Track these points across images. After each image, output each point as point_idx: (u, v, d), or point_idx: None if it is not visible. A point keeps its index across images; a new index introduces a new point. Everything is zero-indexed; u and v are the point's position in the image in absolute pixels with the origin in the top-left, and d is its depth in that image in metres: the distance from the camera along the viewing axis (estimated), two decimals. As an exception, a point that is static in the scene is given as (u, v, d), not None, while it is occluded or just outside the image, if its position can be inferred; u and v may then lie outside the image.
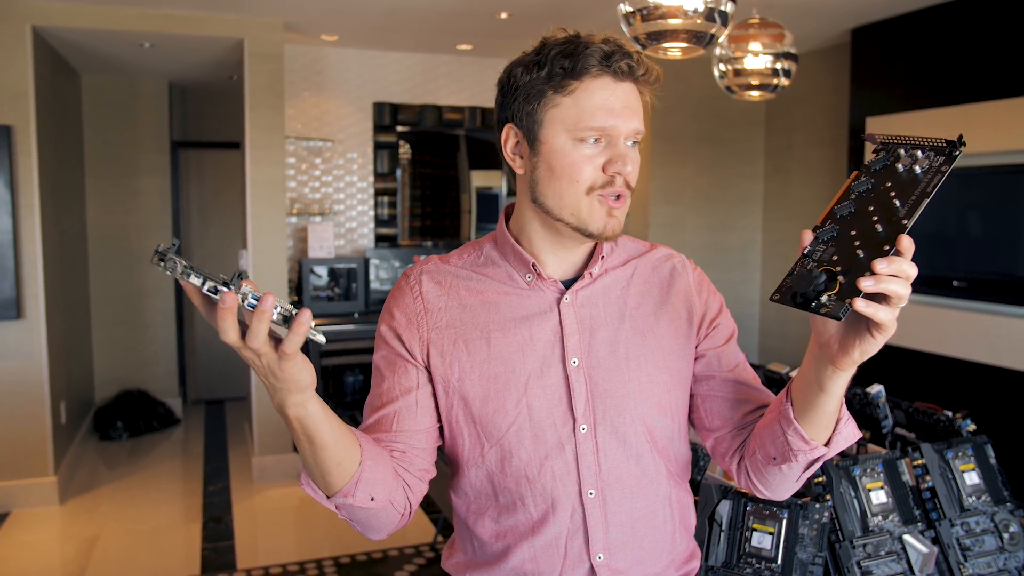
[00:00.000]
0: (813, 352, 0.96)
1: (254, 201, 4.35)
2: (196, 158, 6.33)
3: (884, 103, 4.14)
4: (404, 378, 1.13)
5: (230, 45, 4.46)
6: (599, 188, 1.06)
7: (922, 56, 3.95)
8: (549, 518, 1.11)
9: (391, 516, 1.09)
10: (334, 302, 4.81)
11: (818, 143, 5.04)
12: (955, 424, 1.85)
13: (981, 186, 3.66)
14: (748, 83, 2.75)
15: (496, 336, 1.12)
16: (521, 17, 4.24)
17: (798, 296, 0.89)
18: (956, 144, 0.90)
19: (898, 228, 0.88)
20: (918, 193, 0.90)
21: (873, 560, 1.49)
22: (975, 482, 1.65)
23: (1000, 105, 3.51)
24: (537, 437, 1.10)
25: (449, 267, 1.18)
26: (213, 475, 4.69)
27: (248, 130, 4.31)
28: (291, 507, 4.24)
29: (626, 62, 1.05)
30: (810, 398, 0.98)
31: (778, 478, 1.09)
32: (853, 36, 4.31)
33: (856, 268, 0.88)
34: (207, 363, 6.40)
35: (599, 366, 1.12)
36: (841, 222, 0.92)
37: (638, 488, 1.13)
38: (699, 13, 1.84)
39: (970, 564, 1.56)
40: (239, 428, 5.64)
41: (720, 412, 1.17)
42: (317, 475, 1.00)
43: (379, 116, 5.24)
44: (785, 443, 1.02)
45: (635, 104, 1.07)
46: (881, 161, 0.95)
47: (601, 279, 1.16)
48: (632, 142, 1.08)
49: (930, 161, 0.92)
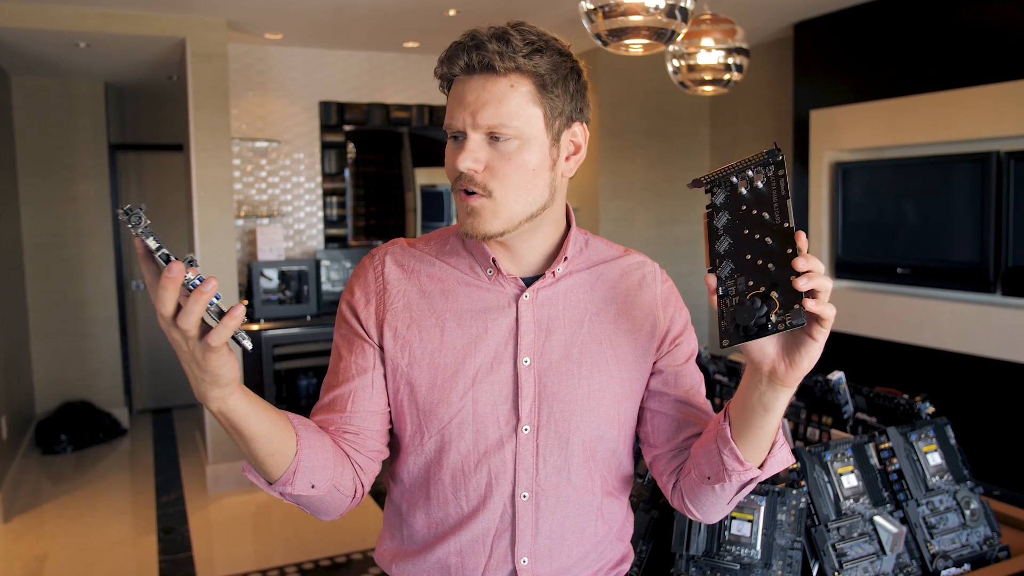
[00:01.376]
0: (753, 379, 0.97)
1: (201, 204, 4.24)
2: (135, 161, 6.15)
3: (826, 96, 4.25)
4: (361, 358, 1.12)
5: (171, 45, 4.34)
6: (455, 182, 1.06)
7: (862, 50, 4.06)
8: (478, 514, 1.10)
9: (338, 500, 1.07)
10: (285, 305, 4.73)
11: (763, 135, 5.14)
12: (915, 407, 1.91)
13: (918, 176, 3.78)
14: (701, 78, 2.79)
15: (451, 326, 1.10)
16: (469, 14, 4.22)
17: (748, 329, 0.90)
18: (774, 151, 0.96)
19: (787, 233, 0.92)
20: (778, 199, 0.94)
21: (847, 542, 1.53)
22: (938, 462, 1.71)
23: (936, 97, 3.63)
24: (478, 432, 1.09)
25: (414, 251, 1.17)
26: (165, 486, 4.57)
27: (193, 131, 4.20)
28: (248, 515, 4.16)
29: (461, 58, 1.03)
30: (752, 420, 0.99)
31: (711, 499, 1.10)
32: (795, 31, 4.42)
33: (779, 280, 0.91)
34: (153, 371, 6.24)
35: (551, 368, 1.10)
36: (729, 254, 0.95)
37: (572, 497, 1.12)
38: (660, 10, 1.86)
39: (936, 541, 1.61)
40: (190, 437, 5.51)
41: (665, 430, 1.16)
42: (254, 464, 1.00)
43: (326, 115, 5.17)
44: (720, 463, 1.03)
45: (482, 98, 1.02)
46: (721, 194, 0.98)
47: (564, 280, 1.14)
48: (495, 137, 1.02)
49: (764, 172, 0.96)
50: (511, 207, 1.05)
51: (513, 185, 1.04)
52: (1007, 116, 3.33)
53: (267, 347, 4.55)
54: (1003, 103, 3.34)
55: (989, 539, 1.66)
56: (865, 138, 3.99)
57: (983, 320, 3.44)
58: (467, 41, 1.03)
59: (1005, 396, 3.42)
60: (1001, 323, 3.38)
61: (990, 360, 3.45)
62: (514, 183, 1.04)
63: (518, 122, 1.03)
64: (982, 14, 3.49)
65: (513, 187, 1.04)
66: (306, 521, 3.99)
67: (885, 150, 3.98)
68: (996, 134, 3.39)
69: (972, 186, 3.51)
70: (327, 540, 3.74)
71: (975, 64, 3.52)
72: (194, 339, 0.84)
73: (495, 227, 1.05)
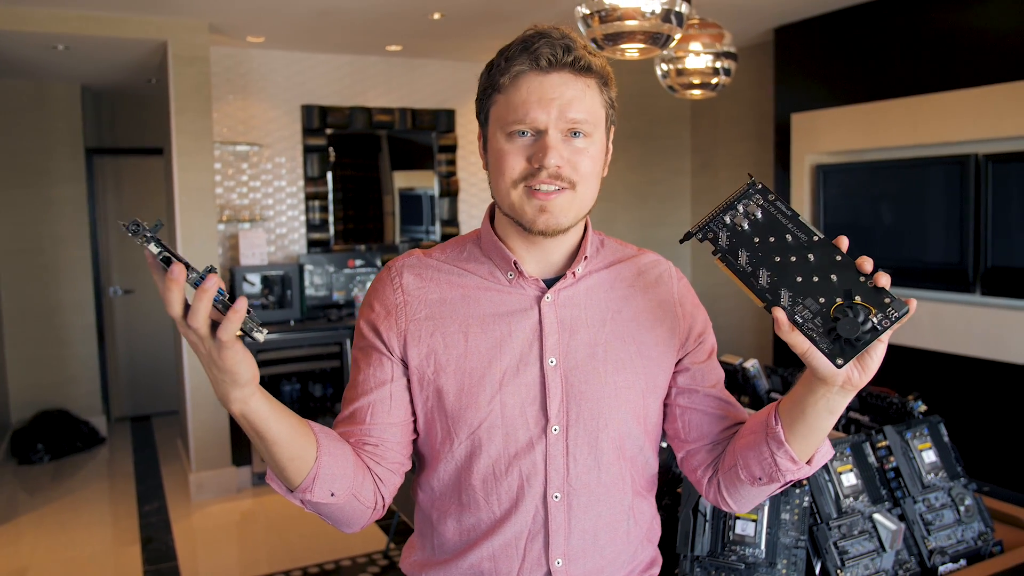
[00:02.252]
0: (820, 387, 0.97)
1: (183, 208, 4.20)
2: (112, 165, 6.07)
3: (807, 100, 4.30)
4: (379, 371, 1.12)
5: (152, 47, 4.29)
6: (525, 179, 1.05)
7: (841, 54, 4.12)
8: (511, 518, 1.10)
9: (358, 510, 1.07)
10: (269, 310, 4.69)
11: (744, 138, 5.20)
12: (907, 406, 1.94)
13: (898, 178, 3.84)
14: (690, 82, 2.82)
15: (475, 331, 1.11)
16: (454, 18, 4.23)
17: (860, 339, 0.90)
18: (753, 183, 1.00)
19: (823, 243, 0.95)
20: (788, 220, 0.97)
21: (848, 540, 1.55)
22: (932, 460, 1.74)
23: (914, 101, 3.69)
24: (508, 435, 1.09)
25: (431, 260, 1.17)
26: (147, 494, 4.51)
27: (174, 135, 4.16)
28: (233, 523, 4.12)
29: (548, 52, 1.03)
30: (815, 423, 1.01)
31: (753, 495, 1.12)
32: (776, 35, 4.47)
33: (850, 285, 0.92)
34: (131, 378, 6.15)
35: (577, 367, 1.11)
36: (778, 285, 0.95)
37: (604, 496, 1.13)
38: (656, 15, 1.87)
39: (933, 537, 1.64)
40: (171, 444, 5.44)
41: (699, 426, 1.17)
42: (275, 469, 1.00)
43: (308, 119, 5.14)
44: (773, 464, 1.05)
45: (566, 93, 1.04)
46: (723, 236, 0.99)
47: (584, 280, 1.15)
48: (574, 133, 1.05)
49: (754, 202, 0.98)
50: (584, 200, 1.08)
51: (588, 178, 1.07)
52: (985, 119, 3.39)
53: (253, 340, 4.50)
54: (981, 107, 3.41)
55: (983, 535, 1.69)
56: (845, 141, 4.05)
57: (964, 320, 3.50)
58: (552, 37, 1.05)
59: (986, 394, 3.48)
60: (981, 322, 3.44)
61: (971, 359, 3.51)
62: (588, 176, 1.07)
63: (594, 120, 1.07)
64: (959, 20, 3.56)
65: (588, 180, 1.08)
66: (292, 528, 3.96)
67: (865, 153, 4.04)
68: (974, 137, 3.45)
69: (951, 188, 3.57)
70: (314, 548, 3.71)
71: (952, 68, 3.58)
72: (207, 337, 0.85)
73: (568, 220, 1.08)
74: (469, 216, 5.75)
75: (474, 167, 5.75)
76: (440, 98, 5.56)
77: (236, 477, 4.46)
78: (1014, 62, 3.33)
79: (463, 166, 5.69)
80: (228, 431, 4.39)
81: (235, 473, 4.45)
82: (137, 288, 6.14)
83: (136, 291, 6.14)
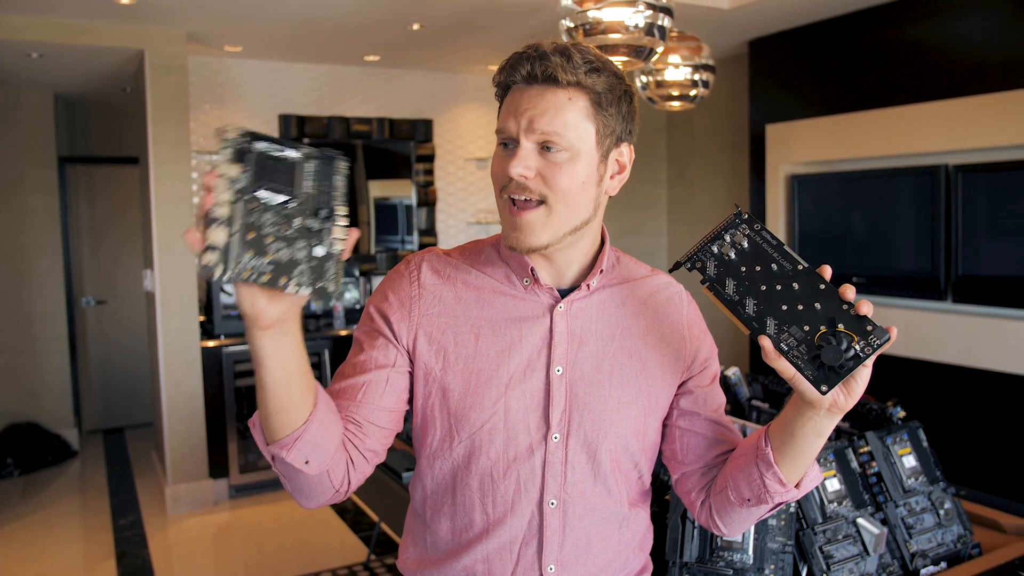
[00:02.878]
0: (807, 412, 1.00)
1: (160, 218, 4.16)
2: (86, 174, 5.99)
3: (781, 111, 4.37)
4: (382, 354, 1.12)
5: (128, 56, 4.26)
6: (504, 190, 1.07)
7: (815, 67, 4.20)
8: (506, 521, 1.11)
9: (324, 487, 1.05)
10: (246, 320, 4.65)
11: (719, 149, 5.26)
12: (886, 412, 1.98)
13: (871, 188, 3.92)
14: (669, 93, 2.86)
15: (486, 333, 1.12)
16: (433, 29, 4.24)
17: (842, 366, 0.94)
18: (739, 212, 1.03)
19: (807, 272, 0.98)
20: (773, 249, 1.00)
21: (833, 544, 1.58)
22: (912, 465, 1.77)
23: (886, 113, 3.77)
24: (509, 439, 1.10)
25: (450, 259, 1.18)
26: (122, 508, 4.44)
27: (151, 145, 4.12)
28: (210, 536, 4.07)
29: (526, 66, 1.05)
30: (803, 446, 1.03)
31: (743, 517, 1.14)
32: (750, 47, 4.54)
33: (833, 313, 0.95)
34: (104, 390, 6.06)
35: (582, 378, 1.12)
36: (764, 313, 0.98)
37: (599, 505, 1.14)
38: (640, 28, 1.90)
39: (914, 541, 1.67)
40: (145, 456, 5.37)
41: (696, 449, 1.19)
42: (262, 415, 0.97)
43: (286, 128, 5.12)
44: (762, 486, 1.07)
45: (539, 105, 1.04)
46: (711, 265, 1.02)
47: (597, 294, 1.17)
48: (547, 146, 1.04)
49: (740, 231, 1.01)
50: (562, 218, 1.07)
51: (563, 195, 1.05)
52: (955, 131, 3.47)
53: (228, 363, 4.47)
54: (951, 119, 3.49)
55: (962, 537, 1.73)
56: (819, 151, 4.12)
57: (936, 327, 3.57)
58: (531, 52, 1.06)
59: (959, 399, 3.55)
60: (953, 329, 3.51)
61: (944, 365, 3.58)
62: (564, 193, 1.05)
63: (571, 134, 1.05)
64: (929, 33, 3.64)
65: (563, 197, 1.05)
66: (271, 541, 3.92)
67: (838, 163, 4.11)
68: (945, 148, 3.53)
69: (922, 198, 3.64)
70: (292, 559, 3.68)
71: (922, 82, 3.67)
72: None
73: (542, 240, 1.07)
74: (447, 226, 5.76)
75: (451, 176, 5.76)
76: (418, 108, 5.57)
77: (213, 490, 4.41)
78: (981, 76, 3.42)
79: (441, 176, 5.70)
80: (205, 443, 4.35)
81: (212, 486, 4.40)
82: (110, 298, 6.06)
83: (109, 301, 6.06)
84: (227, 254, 0.82)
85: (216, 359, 4.44)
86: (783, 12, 3.92)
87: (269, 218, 0.85)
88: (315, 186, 0.86)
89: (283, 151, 0.85)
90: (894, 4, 3.76)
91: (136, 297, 6.03)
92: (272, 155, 0.85)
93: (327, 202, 0.87)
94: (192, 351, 4.29)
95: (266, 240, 0.84)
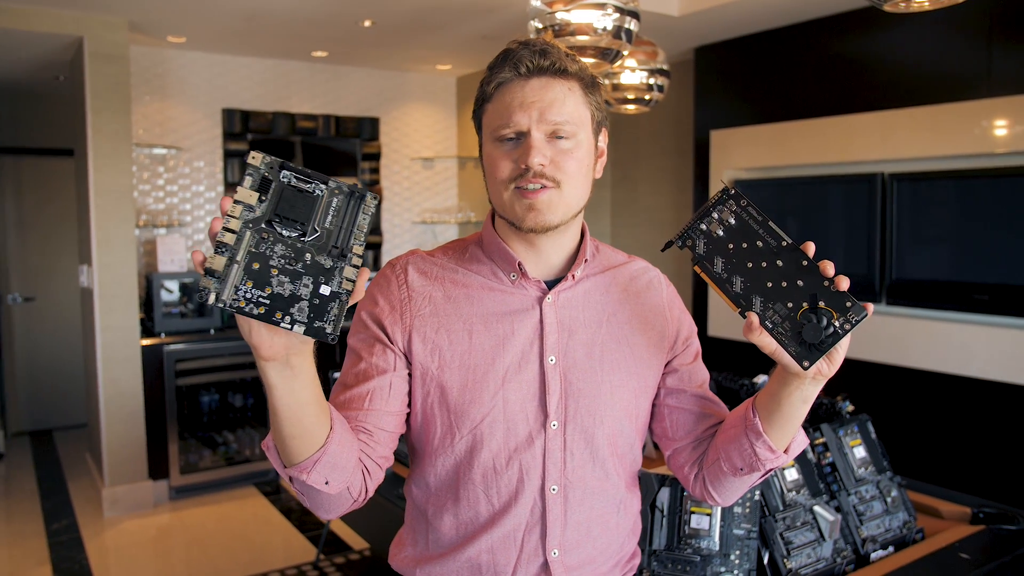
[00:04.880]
0: (793, 380, 1.05)
1: (99, 212, 4.02)
2: (12, 166, 5.75)
3: (725, 117, 4.50)
4: (381, 359, 1.13)
5: (65, 43, 4.11)
6: (514, 180, 1.10)
7: (758, 75, 4.33)
8: (510, 510, 1.13)
9: (343, 500, 1.08)
10: (187, 319, 4.54)
11: (663, 153, 5.38)
12: (836, 406, 2.07)
13: (810, 194, 4.06)
14: (625, 97, 2.92)
15: (478, 329, 1.14)
16: (384, 25, 4.23)
17: (823, 343, 0.99)
18: (726, 189, 1.06)
19: (791, 249, 1.02)
20: (759, 225, 1.04)
21: (792, 531, 1.64)
22: (862, 455, 1.86)
23: (825, 122, 3.92)
24: (509, 430, 1.13)
25: (435, 259, 1.21)
26: (55, 512, 4.28)
27: (90, 136, 3.99)
28: (150, 539, 3.96)
29: (527, 58, 1.09)
30: (790, 412, 1.08)
31: (736, 486, 1.19)
32: (696, 54, 4.66)
33: (815, 290, 1.00)
34: (31, 390, 5.83)
35: (575, 366, 1.16)
36: (750, 291, 1.03)
37: (598, 489, 1.18)
38: (608, 31, 1.95)
39: (865, 527, 1.76)
40: (77, 458, 5.18)
41: (685, 424, 1.24)
42: (276, 440, 0.99)
43: (229, 123, 5.02)
44: (753, 454, 1.12)
45: (546, 96, 1.09)
46: (700, 243, 1.06)
47: (582, 283, 1.20)
48: (557, 135, 1.09)
49: (728, 209, 1.05)
50: (571, 198, 1.12)
51: (573, 178, 1.11)
52: (890, 141, 3.63)
53: (169, 362, 4.35)
54: (886, 129, 3.65)
55: (907, 523, 1.82)
56: (761, 158, 4.25)
57: (871, 328, 3.73)
58: (530, 47, 1.10)
59: (892, 396, 3.71)
60: (887, 330, 3.67)
61: (879, 365, 3.74)
62: (574, 176, 1.11)
63: (576, 121, 1.11)
64: (867, 48, 3.81)
65: (574, 179, 1.11)
66: (215, 542, 3.84)
67: (779, 169, 4.25)
68: (880, 157, 3.69)
69: (859, 205, 3.80)
70: (237, 560, 3.61)
71: (858, 93, 3.83)
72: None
73: (556, 218, 1.11)
74: (392, 225, 5.73)
75: (397, 176, 5.73)
76: (365, 106, 5.53)
77: (153, 491, 4.29)
78: (914, 89, 3.59)
79: (387, 174, 5.67)
80: (144, 443, 4.22)
81: (151, 487, 4.28)
82: (39, 295, 5.83)
83: (37, 298, 5.83)
84: (224, 281, 0.82)
85: (156, 357, 4.32)
86: (729, 21, 4.04)
87: (279, 250, 0.84)
88: (335, 222, 0.86)
89: (310, 183, 0.85)
90: (834, 18, 3.91)
91: (67, 294, 5.81)
92: (297, 187, 0.85)
93: (345, 240, 0.86)
94: (132, 349, 4.16)
95: (271, 272, 0.84)
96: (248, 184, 0.83)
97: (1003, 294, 3.26)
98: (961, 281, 3.42)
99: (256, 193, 0.84)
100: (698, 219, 1.06)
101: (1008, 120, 3.24)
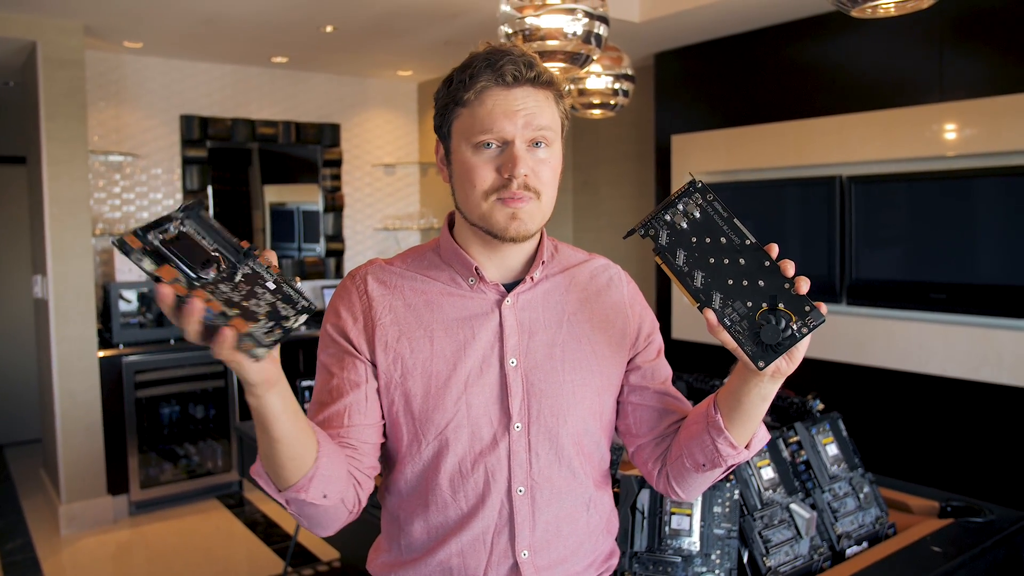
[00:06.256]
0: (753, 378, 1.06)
1: (54, 221, 3.92)
2: (-40, 174, 5.58)
3: (686, 122, 4.56)
4: (353, 373, 1.14)
5: (17, 47, 4.00)
6: (496, 191, 1.09)
7: (717, 81, 4.40)
8: (478, 513, 1.14)
9: (340, 514, 1.09)
10: (146, 329, 4.45)
11: (624, 158, 5.42)
12: (806, 405, 2.10)
13: (770, 197, 4.14)
14: (590, 102, 2.94)
15: (439, 335, 1.15)
16: (345, 31, 4.20)
17: (780, 345, 0.99)
18: (693, 182, 1.04)
19: (753, 248, 1.01)
20: (724, 221, 1.03)
21: (770, 529, 1.66)
22: (835, 453, 1.89)
23: (784, 126, 4.00)
24: (474, 433, 1.13)
25: (393, 268, 1.20)
26: (8, 531, 4.14)
27: (44, 143, 3.88)
28: (109, 556, 3.86)
29: (512, 68, 1.08)
30: (750, 410, 1.10)
31: (699, 481, 1.20)
32: (656, 60, 4.71)
33: (775, 291, 1.00)
34: (-19, 406, 5.64)
35: (536, 367, 1.16)
36: (710, 286, 1.01)
37: (565, 489, 1.18)
38: (578, 36, 1.96)
39: (839, 523, 1.78)
40: (31, 475, 5.02)
41: (648, 421, 1.25)
42: (271, 467, 0.99)
43: (187, 129, 4.93)
44: (715, 450, 1.13)
45: (529, 106, 1.09)
46: (663, 234, 1.04)
47: (541, 284, 1.21)
48: (537, 143, 1.10)
49: (694, 201, 1.03)
50: (547, 207, 1.13)
51: (549, 186, 1.13)
52: (847, 144, 3.72)
53: (128, 373, 4.25)
54: (844, 133, 3.73)
55: (880, 518, 1.86)
56: (721, 161, 4.32)
57: (831, 328, 3.80)
58: (513, 54, 1.09)
59: (853, 394, 3.79)
60: (846, 330, 3.75)
61: (840, 364, 3.81)
62: (549, 184, 1.12)
63: (555, 129, 1.13)
64: (823, 53, 3.89)
65: (549, 188, 1.13)
66: (176, 557, 3.75)
67: (739, 173, 4.32)
68: (838, 160, 3.77)
69: (818, 207, 3.88)
70: (197, 574, 3.54)
71: (814, 97, 3.91)
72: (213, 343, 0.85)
73: (535, 226, 1.13)
74: (354, 232, 5.68)
75: (359, 182, 5.69)
76: (325, 112, 5.48)
77: (112, 507, 4.18)
78: (868, 94, 3.68)
79: (348, 181, 5.63)
80: (103, 458, 4.12)
81: (111, 502, 4.17)
82: (-12, 308, 5.66)
83: (-13, 311, 5.65)
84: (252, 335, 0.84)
85: (115, 369, 4.22)
86: (689, 28, 4.09)
87: (224, 288, 0.85)
88: (211, 239, 0.86)
89: (167, 227, 0.84)
90: (792, 24, 3.99)
91: (17, 305, 5.65)
92: (168, 238, 0.84)
93: (228, 243, 0.86)
94: (89, 361, 4.06)
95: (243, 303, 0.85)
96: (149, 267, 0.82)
97: (958, 292, 3.36)
98: (918, 281, 3.51)
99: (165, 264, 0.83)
100: (663, 209, 1.03)
101: (957, 124, 3.34)
